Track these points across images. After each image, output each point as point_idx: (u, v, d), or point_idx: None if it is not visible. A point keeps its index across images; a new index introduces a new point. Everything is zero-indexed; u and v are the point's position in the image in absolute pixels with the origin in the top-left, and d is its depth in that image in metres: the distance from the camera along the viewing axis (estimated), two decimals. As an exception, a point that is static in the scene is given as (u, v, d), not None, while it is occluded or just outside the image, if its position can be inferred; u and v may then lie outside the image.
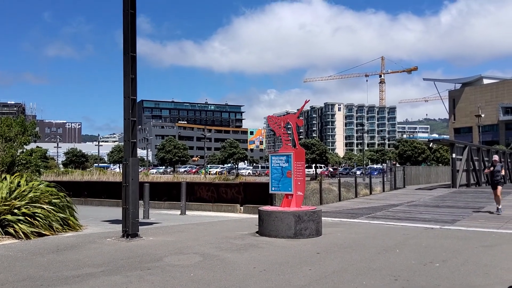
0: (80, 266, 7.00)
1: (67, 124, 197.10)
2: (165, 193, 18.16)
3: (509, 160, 32.89)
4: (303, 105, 10.67)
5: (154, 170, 74.87)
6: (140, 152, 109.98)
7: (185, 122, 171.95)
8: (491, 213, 14.17)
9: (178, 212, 15.35)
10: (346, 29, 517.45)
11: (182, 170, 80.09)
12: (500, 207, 14.10)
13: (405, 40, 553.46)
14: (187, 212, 15.29)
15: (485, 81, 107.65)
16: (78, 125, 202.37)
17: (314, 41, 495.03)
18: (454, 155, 24.41)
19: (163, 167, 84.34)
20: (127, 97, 9.71)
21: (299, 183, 10.35)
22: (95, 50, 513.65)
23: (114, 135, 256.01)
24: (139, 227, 9.93)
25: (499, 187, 14.09)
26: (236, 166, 78.12)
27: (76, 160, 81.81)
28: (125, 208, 9.63)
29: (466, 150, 25.33)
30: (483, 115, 76.98)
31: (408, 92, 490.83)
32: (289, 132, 11.71)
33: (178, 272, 6.56)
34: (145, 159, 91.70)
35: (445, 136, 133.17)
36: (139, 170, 11.78)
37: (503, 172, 14.40)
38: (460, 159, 24.86)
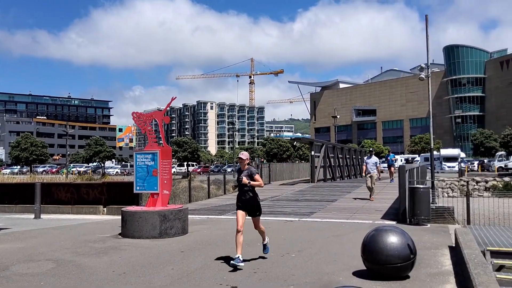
0: None
1: None
2: (18, 196, 16.42)
3: (359, 157, 36.68)
4: (170, 102, 10.53)
5: (8, 170, 67.13)
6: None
7: (45, 117, 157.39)
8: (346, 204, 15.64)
9: (32, 215, 14.01)
10: (208, 28, 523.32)
11: (40, 170, 73.20)
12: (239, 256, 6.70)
13: (264, 44, 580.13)
14: (43, 216, 14.05)
15: (341, 85, 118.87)
16: None
17: (177, 38, 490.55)
18: (313, 153, 26.40)
19: (18, 167, 76.16)
20: (-34, 87, 8.52)
21: (165, 181, 10.19)
22: None
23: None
24: (-19, 234, 8.81)
25: (256, 220, 7.27)
26: (103, 165, 74.07)
27: None
28: (-37, 214, 8.45)
29: (323, 148, 27.59)
30: (338, 116, 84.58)
31: (273, 93, 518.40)
32: (156, 129, 11.46)
33: (26, 281, 5.97)
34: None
35: (306, 135, 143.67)
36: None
37: (258, 181, 7.03)
38: (318, 156, 26.99)
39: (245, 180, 6.97)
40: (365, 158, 17.33)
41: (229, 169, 67.08)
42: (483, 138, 61.06)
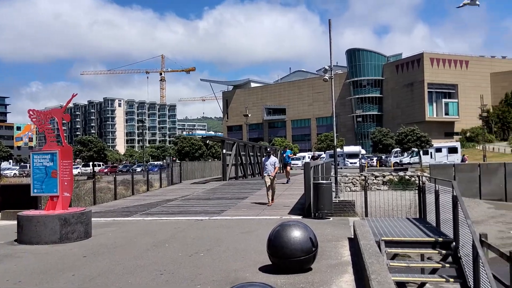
0: None
1: None
2: None
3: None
4: (70, 99, 9.97)
5: None
6: None
7: None
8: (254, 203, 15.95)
9: None
10: (110, 22, 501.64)
11: None
12: None
13: (170, 41, 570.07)
14: None
15: (253, 85, 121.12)
16: None
17: (76, 32, 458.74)
18: (224, 151, 26.58)
19: None
20: None
21: (66, 183, 9.63)
22: None
23: None
24: None
25: None
26: (-2, 166, 67.92)
27: None
28: None
29: (235, 146, 27.90)
30: (250, 115, 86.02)
31: (184, 91, 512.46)
32: (55, 127, 10.77)
33: None
34: None
35: (219, 134, 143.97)
36: None
37: None
38: (230, 154, 27.24)
39: None
40: (263, 159, 15.65)
41: (138, 169, 65.20)
42: (381, 136, 65.71)
